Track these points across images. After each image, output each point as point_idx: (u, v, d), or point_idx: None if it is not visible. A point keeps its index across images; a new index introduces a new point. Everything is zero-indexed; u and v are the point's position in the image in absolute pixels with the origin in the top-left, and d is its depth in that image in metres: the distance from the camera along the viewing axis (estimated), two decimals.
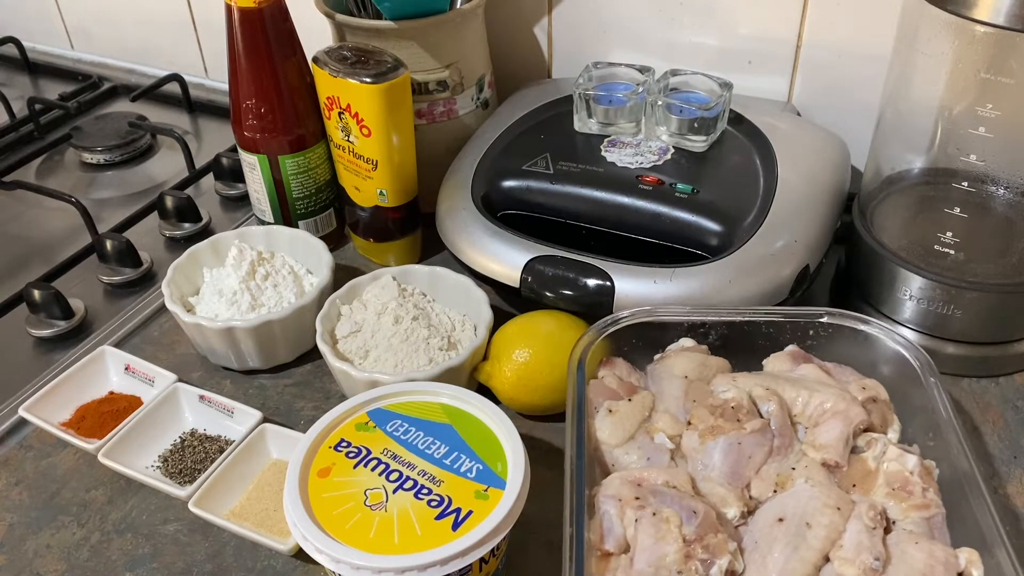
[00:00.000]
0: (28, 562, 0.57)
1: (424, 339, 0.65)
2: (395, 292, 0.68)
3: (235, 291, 0.69)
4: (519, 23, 0.89)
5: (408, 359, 0.64)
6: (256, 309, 0.69)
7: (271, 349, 0.68)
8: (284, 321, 0.67)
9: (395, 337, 0.65)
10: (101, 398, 0.66)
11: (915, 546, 0.47)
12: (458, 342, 0.66)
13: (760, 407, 0.55)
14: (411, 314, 0.66)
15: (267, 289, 0.70)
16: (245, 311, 0.68)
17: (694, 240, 0.65)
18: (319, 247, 0.73)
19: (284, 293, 0.70)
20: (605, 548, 0.48)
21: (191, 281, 0.72)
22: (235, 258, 0.71)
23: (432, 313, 0.68)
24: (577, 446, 0.51)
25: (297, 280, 0.72)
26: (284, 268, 0.72)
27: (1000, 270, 0.64)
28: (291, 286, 0.71)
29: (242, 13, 0.70)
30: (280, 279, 0.71)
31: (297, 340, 0.69)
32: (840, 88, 0.79)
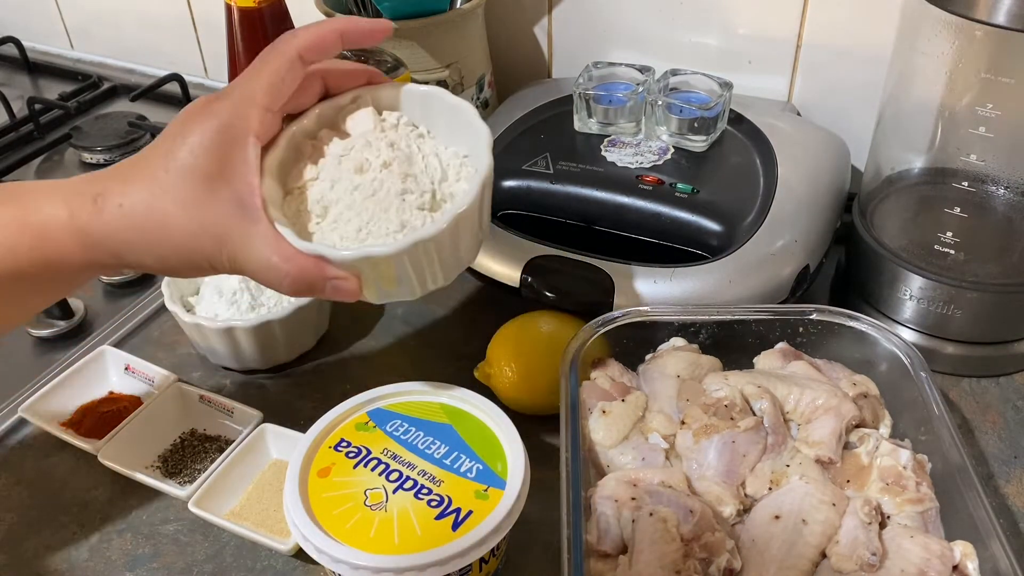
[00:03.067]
0: (28, 562, 0.57)
1: (398, 194, 0.48)
2: (371, 123, 0.50)
3: (235, 290, 0.69)
4: (519, 23, 0.89)
5: (374, 223, 0.47)
6: (256, 309, 0.68)
7: (271, 349, 0.68)
8: (284, 321, 0.66)
9: (358, 191, 0.48)
10: (101, 398, 0.66)
11: (910, 540, 0.47)
12: (448, 196, 0.50)
13: (753, 405, 0.55)
14: (382, 157, 0.49)
15: (267, 288, 0.69)
16: (245, 311, 0.68)
17: (694, 240, 0.65)
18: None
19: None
20: (602, 549, 0.48)
21: (191, 280, 0.72)
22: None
23: (417, 155, 0.50)
24: (572, 448, 0.51)
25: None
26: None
27: (1000, 270, 0.64)
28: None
29: (242, 13, 0.70)
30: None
31: (297, 340, 0.69)
32: (840, 88, 0.79)
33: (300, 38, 0.46)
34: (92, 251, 0.44)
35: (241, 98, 0.44)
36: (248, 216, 0.44)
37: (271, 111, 0.46)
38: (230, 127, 0.44)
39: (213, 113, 0.44)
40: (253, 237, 0.44)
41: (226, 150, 0.43)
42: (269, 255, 0.44)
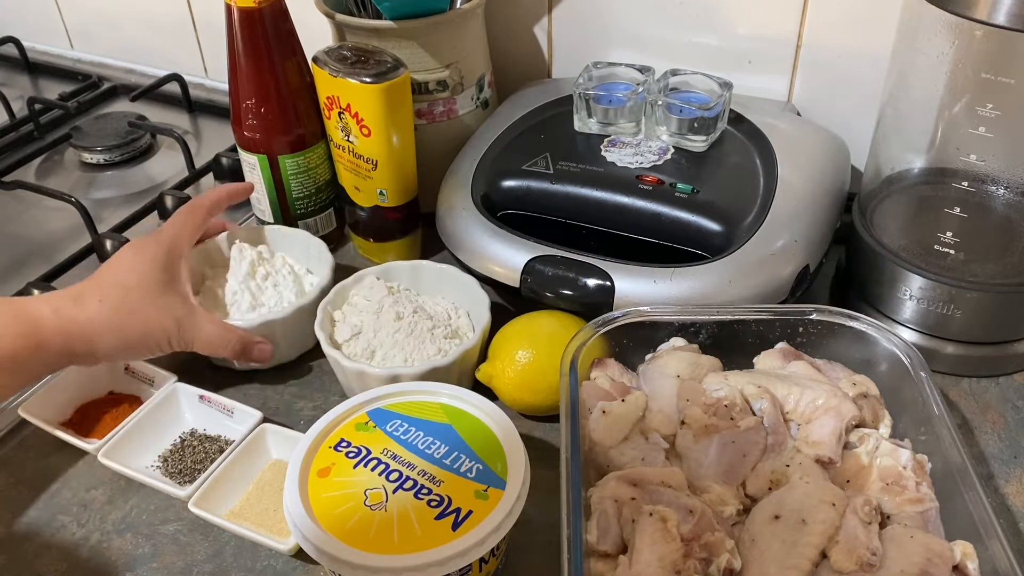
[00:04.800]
0: (28, 562, 0.57)
1: (428, 330, 0.65)
2: (384, 290, 0.68)
3: (235, 291, 0.69)
4: (519, 23, 0.89)
5: (417, 352, 0.64)
6: (256, 309, 0.69)
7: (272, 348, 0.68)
8: (285, 321, 0.67)
9: (399, 332, 0.65)
10: (101, 398, 0.66)
11: (910, 540, 0.47)
12: (458, 328, 0.67)
13: (753, 405, 0.55)
14: (410, 308, 0.67)
15: (267, 289, 0.70)
16: (245, 311, 0.68)
17: (694, 240, 0.65)
18: (319, 247, 0.73)
19: (284, 293, 0.70)
20: (602, 549, 0.48)
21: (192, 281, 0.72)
22: (235, 258, 0.71)
23: (426, 305, 0.69)
24: (572, 448, 0.51)
25: (297, 280, 0.72)
26: (284, 268, 0.72)
27: (1000, 270, 0.64)
28: (291, 286, 0.71)
29: (242, 13, 0.70)
30: (280, 279, 0.71)
31: (298, 340, 0.69)
32: (840, 88, 0.79)
33: (209, 200, 0.69)
34: (69, 338, 0.58)
35: (178, 235, 0.65)
36: (191, 308, 0.63)
37: (190, 246, 0.67)
38: (171, 251, 0.64)
39: (160, 243, 0.63)
40: (201, 320, 0.63)
41: (170, 266, 0.63)
42: (215, 330, 0.63)
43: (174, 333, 0.62)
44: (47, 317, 0.57)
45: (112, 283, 0.60)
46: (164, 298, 0.61)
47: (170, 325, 0.61)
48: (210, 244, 0.73)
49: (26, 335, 0.56)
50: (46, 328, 0.57)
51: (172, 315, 0.61)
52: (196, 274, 0.72)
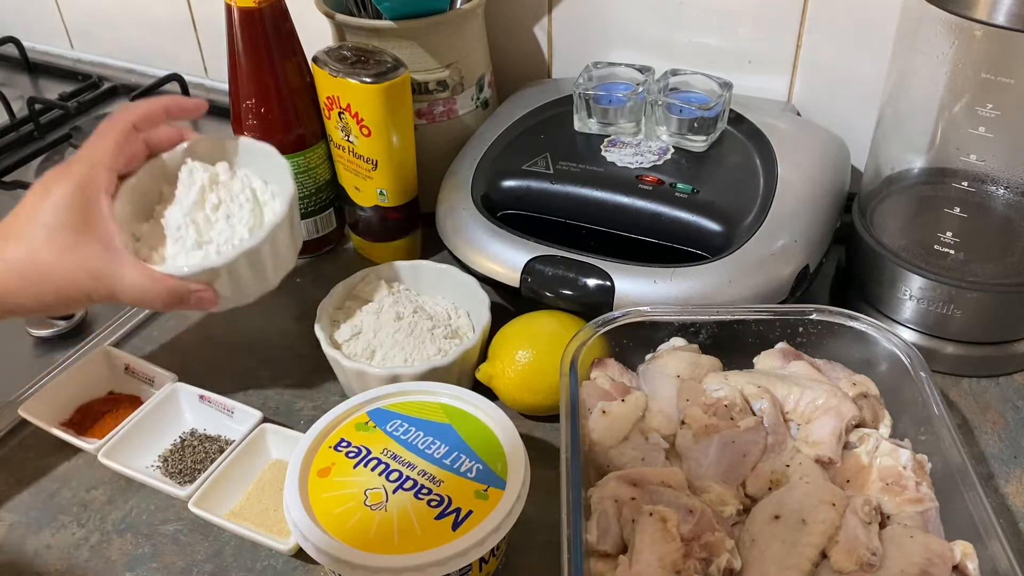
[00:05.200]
0: (28, 562, 0.57)
1: (428, 330, 0.65)
2: (385, 290, 0.68)
3: (179, 225, 0.59)
4: (519, 23, 0.89)
5: (417, 352, 0.64)
6: (202, 247, 0.59)
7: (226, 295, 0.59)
8: (230, 267, 0.57)
9: (399, 333, 0.65)
10: (101, 398, 0.66)
11: (910, 540, 0.47)
12: (458, 328, 0.67)
13: (753, 405, 0.55)
14: (410, 308, 0.67)
15: (218, 222, 0.60)
16: (190, 248, 0.58)
17: (694, 240, 0.65)
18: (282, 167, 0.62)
19: (237, 227, 0.59)
20: (602, 549, 0.48)
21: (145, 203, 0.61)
22: (183, 182, 0.60)
23: (426, 305, 0.68)
24: (572, 448, 0.51)
25: (257, 209, 0.61)
26: (243, 194, 0.61)
27: (1000, 270, 0.64)
28: (247, 218, 0.60)
29: (242, 13, 0.70)
30: (235, 208, 0.60)
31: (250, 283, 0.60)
32: (840, 88, 0.79)
33: (133, 112, 0.57)
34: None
35: (91, 161, 0.54)
36: (114, 255, 0.54)
37: (114, 171, 0.56)
38: (85, 187, 0.53)
39: (70, 176, 0.53)
40: (123, 269, 0.54)
41: (85, 205, 0.53)
42: (142, 281, 0.54)
43: (92, 288, 0.53)
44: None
45: (16, 238, 0.53)
46: (77, 249, 0.52)
47: (85, 281, 0.53)
48: (167, 157, 0.61)
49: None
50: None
51: (87, 268, 0.53)
52: (150, 194, 0.61)
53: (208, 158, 0.62)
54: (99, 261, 0.53)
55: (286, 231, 0.60)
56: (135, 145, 0.58)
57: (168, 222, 0.59)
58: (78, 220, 0.53)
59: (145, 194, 0.60)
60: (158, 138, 0.61)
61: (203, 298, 0.57)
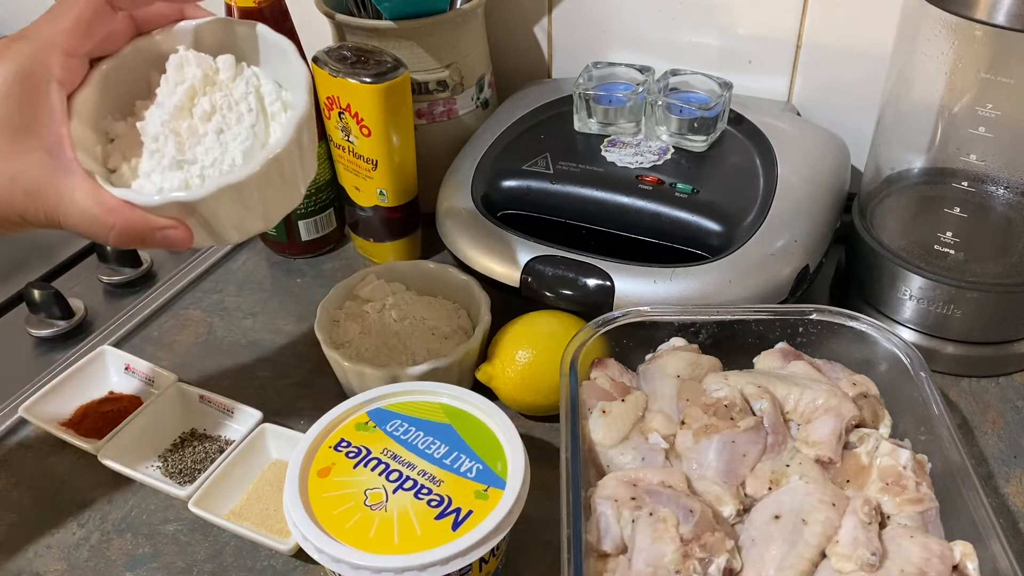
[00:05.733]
0: (28, 562, 0.57)
1: (429, 330, 0.65)
2: (385, 290, 0.68)
3: (156, 135, 0.45)
4: (519, 23, 0.89)
5: (418, 352, 0.64)
6: (182, 167, 0.45)
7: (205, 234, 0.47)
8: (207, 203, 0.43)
9: (400, 333, 0.65)
10: (101, 398, 0.66)
11: (910, 540, 0.47)
12: (458, 327, 0.67)
13: (753, 405, 0.55)
14: (412, 307, 0.67)
15: (207, 136, 0.46)
16: (167, 167, 0.45)
17: (694, 240, 0.65)
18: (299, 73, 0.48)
19: (230, 146, 0.45)
20: (602, 549, 0.48)
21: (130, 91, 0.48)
22: (169, 77, 0.47)
23: (426, 305, 0.69)
24: (572, 448, 0.51)
25: (262, 120, 0.47)
26: (246, 100, 0.47)
27: (1000, 270, 0.64)
28: (246, 133, 0.46)
29: (242, 13, 0.70)
30: (233, 119, 0.46)
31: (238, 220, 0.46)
32: (840, 88, 0.79)
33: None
34: None
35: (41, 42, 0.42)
36: (60, 168, 0.41)
37: (76, 56, 0.43)
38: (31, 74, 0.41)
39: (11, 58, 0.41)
40: (70, 189, 0.41)
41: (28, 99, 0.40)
42: (90, 206, 0.41)
43: (26, 209, 0.41)
44: None
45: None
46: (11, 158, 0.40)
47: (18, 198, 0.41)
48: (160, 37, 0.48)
49: None
50: None
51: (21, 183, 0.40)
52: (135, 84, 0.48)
53: (210, 46, 0.48)
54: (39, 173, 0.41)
55: (292, 162, 0.46)
56: (111, 23, 0.45)
57: (146, 128, 0.46)
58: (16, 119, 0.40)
59: (127, 84, 0.47)
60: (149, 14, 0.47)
61: (171, 237, 0.44)
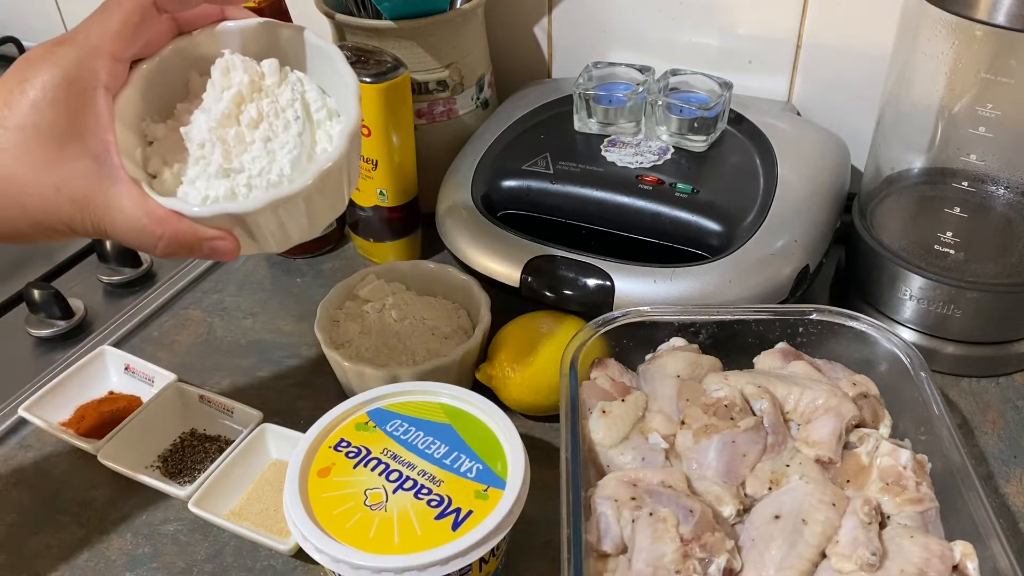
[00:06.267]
0: (28, 562, 0.57)
1: (429, 330, 0.65)
2: (385, 290, 0.68)
3: (203, 141, 0.44)
4: (519, 23, 0.89)
5: (417, 352, 0.64)
6: (229, 176, 0.44)
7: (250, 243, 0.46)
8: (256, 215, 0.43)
9: (399, 333, 0.65)
10: (101, 398, 0.66)
11: (910, 540, 0.47)
12: (458, 328, 0.67)
13: (753, 405, 0.55)
14: (412, 307, 0.67)
15: (254, 143, 0.44)
16: (213, 175, 0.44)
17: (694, 240, 0.65)
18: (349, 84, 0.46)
19: (279, 155, 0.44)
20: (602, 549, 0.48)
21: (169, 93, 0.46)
22: (215, 82, 0.45)
23: (426, 305, 0.69)
24: (572, 448, 0.51)
25: (309, 129, 0.45)
26: (292, 108, 0.45)
27: (1000, 270, 0.64)
28: (293, 142, 0.44)
29: None
30: (280, 127, 0.45)
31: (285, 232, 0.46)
32: (840, 88, 0.79)
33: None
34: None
35: (87, 46, 0.40)
36: (107, 175, 0.40)
37: (121, 60, 0.42)
38: (77, 79, 0.40)
39: (56, 62, 0.40)
40: (117, 198, 0.41)
41: (75, 105, 0.40)
42: (139, 216, 0.41)
43: (74, 218, 0.41)
44: None
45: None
46: (58, 165, 0.39)
47: (66, 208, 0.40)
48: (202, 38, 0.46)
49: None
50: None
51: (69, 192, 0.40)
52: (174, 85, 0.46)
53: (254, 49, 0.47)
54: (87, 183, 0.40)
55: (340, 174, 0.45)
56: (157, 26, 0.44)
57: (191, 134, 0.44)
58: (63, 125, 0.39)
59: (167, 85, 0.45)
60: (192, 15, 0.45)
61: (219, 247, 0.43)
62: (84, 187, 0.40)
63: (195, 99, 0.46)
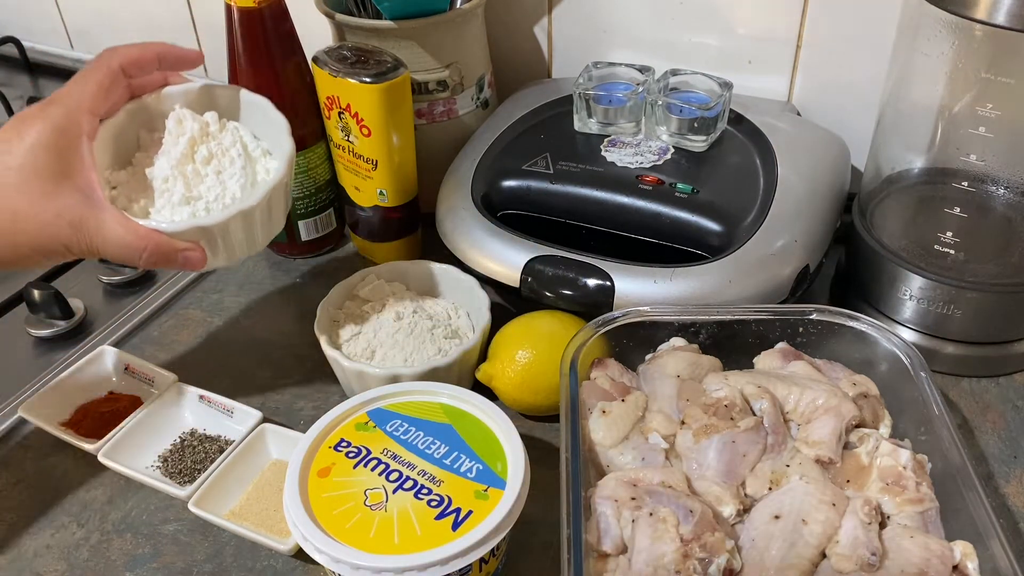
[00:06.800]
0: (28, 562, 0.57)
1: (428, 330, 0.65)
2: (385, 290, 0.68)
3: (166, 177, 0.55)
4: (519, 23, 0.89)
5: (417, 352, 0.64)
6: (190, 203, 0.55)
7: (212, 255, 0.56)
8: (222, 227, 0.54)
9: (399, 333, 0.65)
10: (101, 398, 0.66)
11: (910, 540, 0.47)
12: (458, 328, 0.67)
13: (753, 405, 0.55)
14: (411, 308, 0.67)
15: (208, 176, 0.56)
16: (176, 203, 0.55)
17: (694, 240, 0.65)
18: (279, 124, 0.59)
19: (229, 184, 0.56)
20: (602, 549, 0.48)
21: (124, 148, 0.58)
22: (171, 131, 0.57)
23: (426, 305, 0.68)
24: (572, 448, 0.51)
25: (250, 165, 0.58)
26: (235, 148, 0.58)
27: (1000, 270, 0.64)
28: (239, 174, 0.57)
29: (242, 13, 0.70)
30: (227, 163, 0.57)
31: (241, 244, 0.57)
32: (840, 88, 0.79)
33: (122, 55, 0.53)
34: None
35: (71, 104, 0.51)
36: (95, 204, 0.50)
37: (96, 115, 0.52)
38: (65, 130, 0.49)
39: (47, 117, 0.49)
40: (107, 221, 0.50)
41: (64, 150, 0.49)
42: (124, 234, 0.50)
43: (72, 240, 0.50)
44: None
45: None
46: (55, 197, 0.49)
47: (65, 232, 0.50)
48: (150, 100, 0.58)
49: None
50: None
51: (66, 218, 0.49)
52: (128, 138, 0.58)
53: (195, 106, 0.59)
54: (80, 210, 0.49)
55: (283, 192, 0.57)
56: (120, 90, 0.55)
57: (154, 173, 0.56)
58: (56, 166, 0.49)
59: (124, 139, 0.57)
60: (143, 82, 0.57)
61: (191, 257, 0.53)
62: (79, 213, 0.49)
63: (148, 149, 0.57)
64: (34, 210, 0.48)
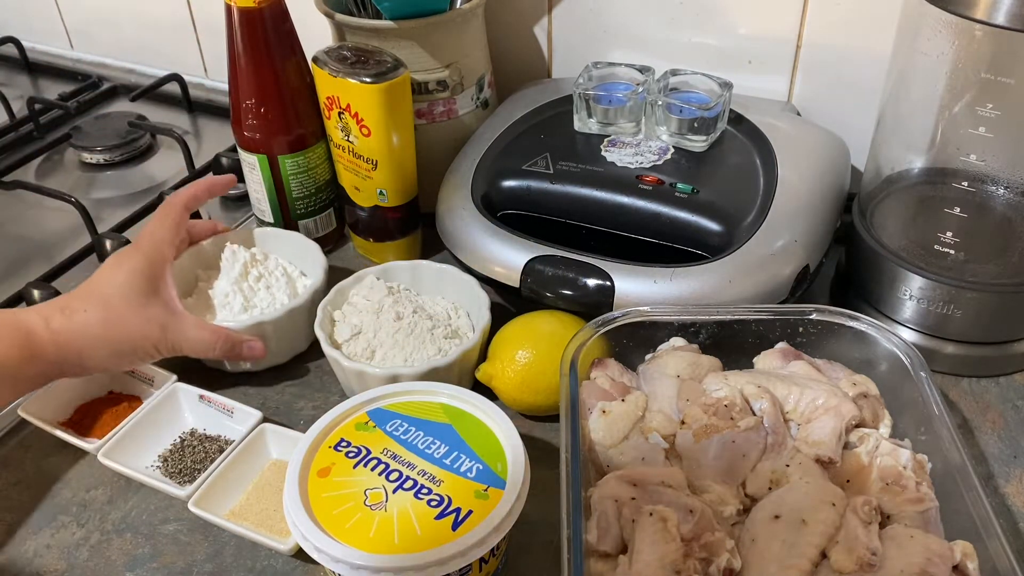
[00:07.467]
0: (28, 562, 0.57)
1: (428, 330, 0.65)
2: (385, 290, 0.69)
3: (226, 292, 0.69)
4: (519, 23, 0.89)
5: (417, 352, 0.64)
6: (248, 311, 0.68)
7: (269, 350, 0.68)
8: (276, 322, 0.66)
9: (399, 333, 0.65)
10: (101, 398, 0.66)
11: (910, 540, 0.47)
12: (458, 328, 0.67)
13: (753, 405, 0.55)
14: (410, 308, 0.67)
15: (259, 291, 0.70)
16: (237, 312, 0.68)
17: (694, 240, 0.65)
18: (314, 250, 0.73)
19: (277, 294, 0.70)
20: (602, 549, 0.48)
21: (185, 282, 0.71)
22: (227, 259, 0.71)
23: (426, 305, 0.69)
24: (572, 448, 0.51)
25: (291, 282, 0.72)
26: (277, 270, 0.72)
27: (1000, 270, 0.64)
28: (284, 288, 0.70)
29: (242, 13, 0.70)
30: (273, 280, 0.71)
31: (290, 341, 0.70)
32: (840, 88, 0.79)
33: (183, 196, 0.69)
34: (62, 350, 0.59)
35: (156, 239, 0.65)
36: (177, 313, 0.64)
37: (174, 247, 0.67)
38: (154, 262, 0.63)
39: (140, 251, 0.64)
40: (185, 324, 0.63)
41: (153, 275, 0.63)
42: (200, 332, 0.64)
43: (160, 340, 0.62)
44: (39, 327, 0.58)
45: (96, 296, 0.61)
46: (148, 308, 0.62)
47: (155, 333, 0.62)
48: (204, 245, 0.73)
49: (21, 345, 0.57)
50: (39, 338, 0.58)
51: (157, 323, 0.62)
52: (189, 275, 0.72)
53: (241, 244, 0.73)
54: (166, 317, 0.63)
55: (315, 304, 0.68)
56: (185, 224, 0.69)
57: (216, 292, 0.70)
58: (147, 286, 0.62)
59: (186, 275, 0.71)
60: (197, 229, 0.73)
61: (254, 347, 0.66)
62: (166, 319, 0.63)
63: (206, 282, 0.71)
64: (133, 316, 0.61)
